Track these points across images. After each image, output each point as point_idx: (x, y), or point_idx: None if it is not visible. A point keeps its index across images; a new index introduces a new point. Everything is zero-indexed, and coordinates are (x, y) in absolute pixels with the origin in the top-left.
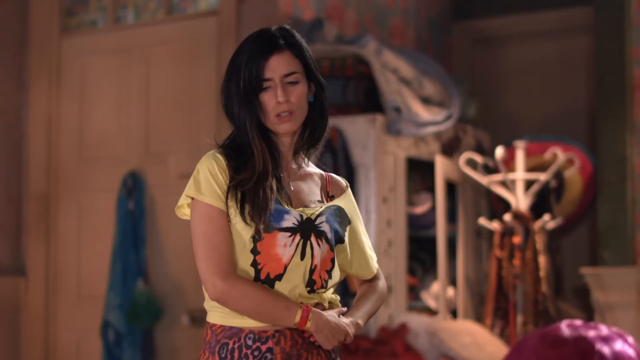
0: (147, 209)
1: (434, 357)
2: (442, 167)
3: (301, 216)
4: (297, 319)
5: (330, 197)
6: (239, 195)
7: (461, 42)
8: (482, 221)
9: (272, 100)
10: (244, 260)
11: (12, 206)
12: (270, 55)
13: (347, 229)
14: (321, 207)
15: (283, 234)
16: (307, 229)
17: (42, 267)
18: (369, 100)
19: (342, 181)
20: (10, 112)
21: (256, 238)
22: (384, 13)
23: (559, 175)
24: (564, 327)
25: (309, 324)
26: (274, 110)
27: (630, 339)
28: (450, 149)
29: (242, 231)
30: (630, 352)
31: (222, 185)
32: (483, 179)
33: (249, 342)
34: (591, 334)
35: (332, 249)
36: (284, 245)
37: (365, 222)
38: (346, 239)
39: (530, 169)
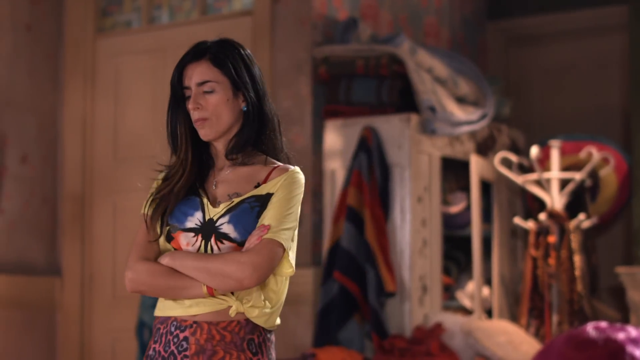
0: None
1: (469, 356)
2: (477, 166)
3: (204, 217)
4: (205, 287)
5: (256, 186)
6: (154, 203)
7: (495, 41)
8: (517, 220)
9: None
10: None
11: (48, 206)
12: (187, 64)
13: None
14: (229, 204)
15: (186, 234)
16: (207, 230)
17: (77, 267)
18: (404, 99)
19: (288, 167)
20: (45, 113)
21: (169, 238)
22: (418, 12)
23: (594, 174)
24: (591, 330)
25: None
26: (192, 117)
27: None
28: (485, 148)
29: (157, 233)
30: None
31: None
32: (518, 178)
33: (172, 329)
34: (620, 336)
35: (241, 246)
36: (186, 244)
37: (400, 221)
38: None
39: (565, 168)
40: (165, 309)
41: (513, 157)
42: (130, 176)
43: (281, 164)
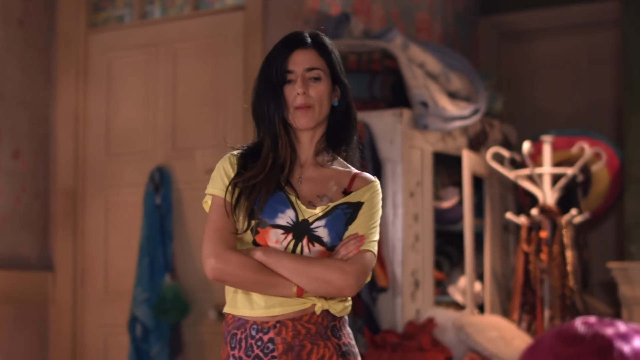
0: (174, 204)
1: (461, 351)
2: (469, 161)
3: (297, 216)
4: (295, 287)
5: (346, 193)
6: (238, 190)
7: (488, 36)
8: (509, 216)
9: (293, 93)
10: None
11: (40, 201)
12: (294, 49)
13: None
14: (326, 207)
15: (275, 230)
16: (301, 230)
17: (69, 262)
18: (396, 94)
19: (370, 177)
20: (37, 108)
21: (253, 231)
22: (411, 8)
23: (585, 170)
24: (579, 325)
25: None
26: (293, 103)
27: None
28: (477, 143)
29: (242, 225)
30: None
31: (230, 178)
32: (510, 174)
33: (253, 333)
34: (609, 331)
35: (330, 250)
36: (275, 242)
37: (392, 216)
38: None
39: (557, 163)
40: (239, 307)
41: (505, 152)
42: (123, 171)
43: (356, 170)
